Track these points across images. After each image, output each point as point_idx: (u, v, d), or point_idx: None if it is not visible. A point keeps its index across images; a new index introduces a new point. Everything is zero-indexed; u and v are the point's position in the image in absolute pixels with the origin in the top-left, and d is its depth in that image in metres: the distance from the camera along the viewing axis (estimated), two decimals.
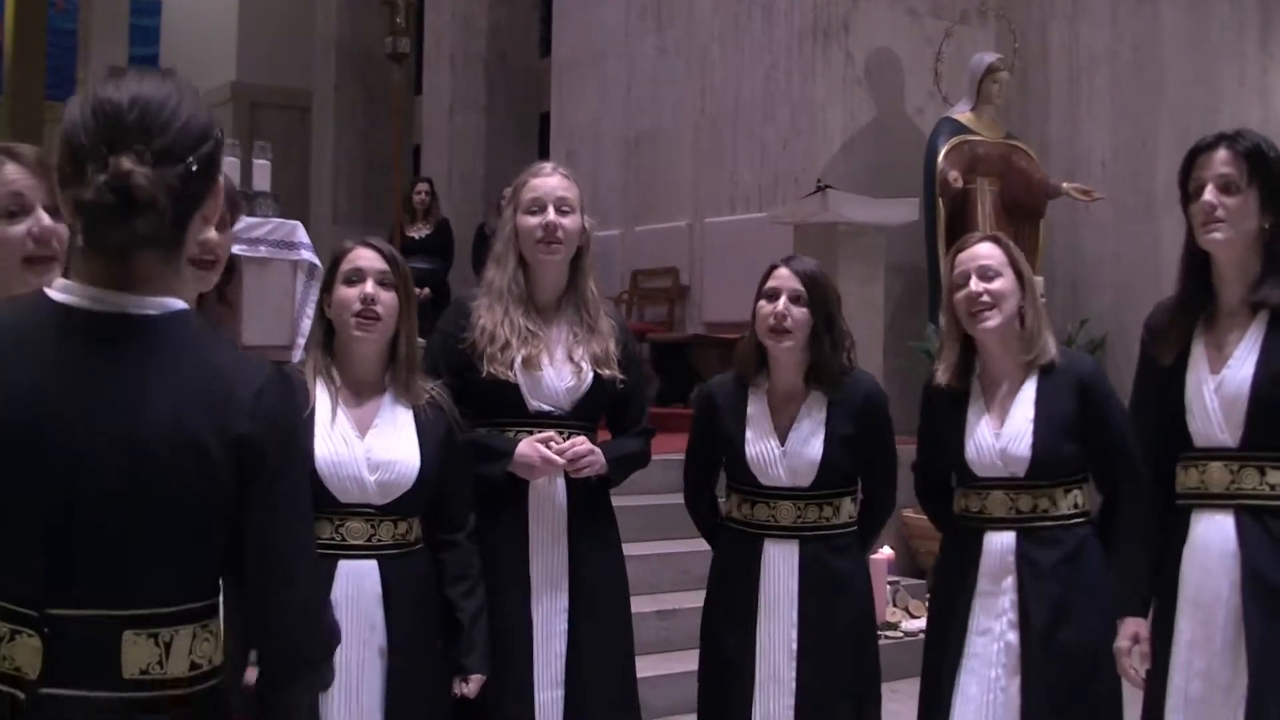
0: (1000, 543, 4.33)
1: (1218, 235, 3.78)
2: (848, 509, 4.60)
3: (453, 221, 14.85)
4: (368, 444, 3.95)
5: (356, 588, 3.90)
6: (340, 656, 3.82)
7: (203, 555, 2.24)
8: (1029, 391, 4.36)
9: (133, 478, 2.16)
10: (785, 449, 4.51)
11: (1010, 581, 4.31)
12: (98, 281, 2.19)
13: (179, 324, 2.21)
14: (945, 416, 4.47)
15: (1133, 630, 3.98)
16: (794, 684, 4.47)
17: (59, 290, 2.21)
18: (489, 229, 14.36)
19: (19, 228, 3.01)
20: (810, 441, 4.51)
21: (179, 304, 2.22)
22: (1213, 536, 3.84)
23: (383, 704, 3.92)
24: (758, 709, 4.50)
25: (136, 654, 2.18)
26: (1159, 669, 3.91)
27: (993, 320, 4.32)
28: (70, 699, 2.17)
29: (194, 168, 2.18)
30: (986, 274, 4.34)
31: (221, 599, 2.31)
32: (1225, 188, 3.79)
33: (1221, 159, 3.82)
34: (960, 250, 4.46)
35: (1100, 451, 4.33)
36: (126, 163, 2.11)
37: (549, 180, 4.50)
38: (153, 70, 2.29)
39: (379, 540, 3.95)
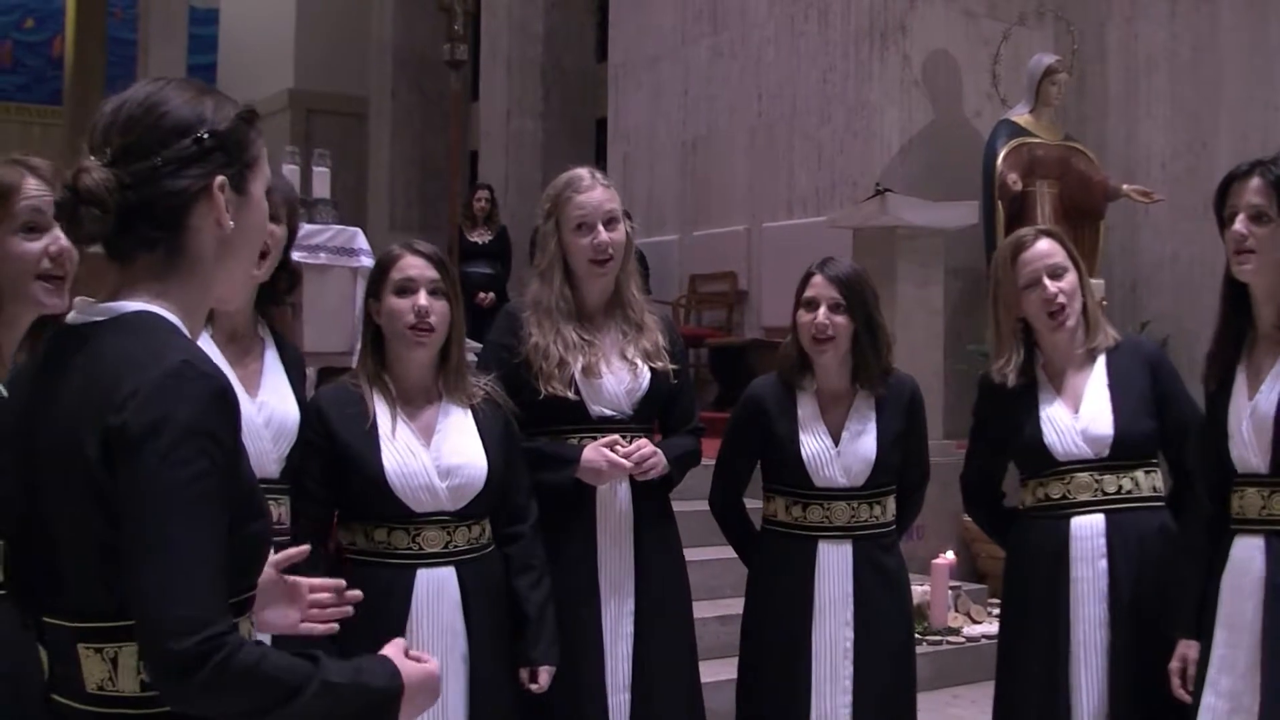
0: (1090, 526, 4.33)
1: (1247, 266, 3.80)
2: (891, 507, 4.64)
3: (510, 226, 14.89)
4: (434, 451, 3.95)
5: (436, 596, 3.90)
6: None
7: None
8: (1100, 372, 4.39)
9: (40, 483, 2.16)
10: (839, 449, 4.53)
11: (1104, 565, 4.30)
12: (104, 290, 2.23)
13: (113, 326, 2.18)
14: (1012, 409, 4.46)
15: (1183, 652, 3.99)
16: (850, 682, 4.49)
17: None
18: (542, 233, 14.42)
19: (37, 244, 3.06)
20: (864, 441, 4.54)
21: (131, 306, 2.19)
22: (1245, 560, 3.86)
23: (466, 708, 3.93)
24: (815, 709, 4.50)
25: (91, 668, 2.15)
26: (1197, 687, 3.92)
27: (1071, 319, 4.37)
28: (61, 707, 2.20)
29: (162, 165, 2.17)
30: (1056, 272, 4.36)
31: None
32: (1256, 217, 3.78)
33: (1254, 188, 3.80)
34: (1021, 250, 4.44)
35: (1177, 429, 4.35)
36: (85, 162, 2.15)
37: (593, 195, 4.45)
38: (173, 78, 2.29)
39: (455, 546, 3.95)
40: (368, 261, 8.40)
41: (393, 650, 2.37)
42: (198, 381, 2.10)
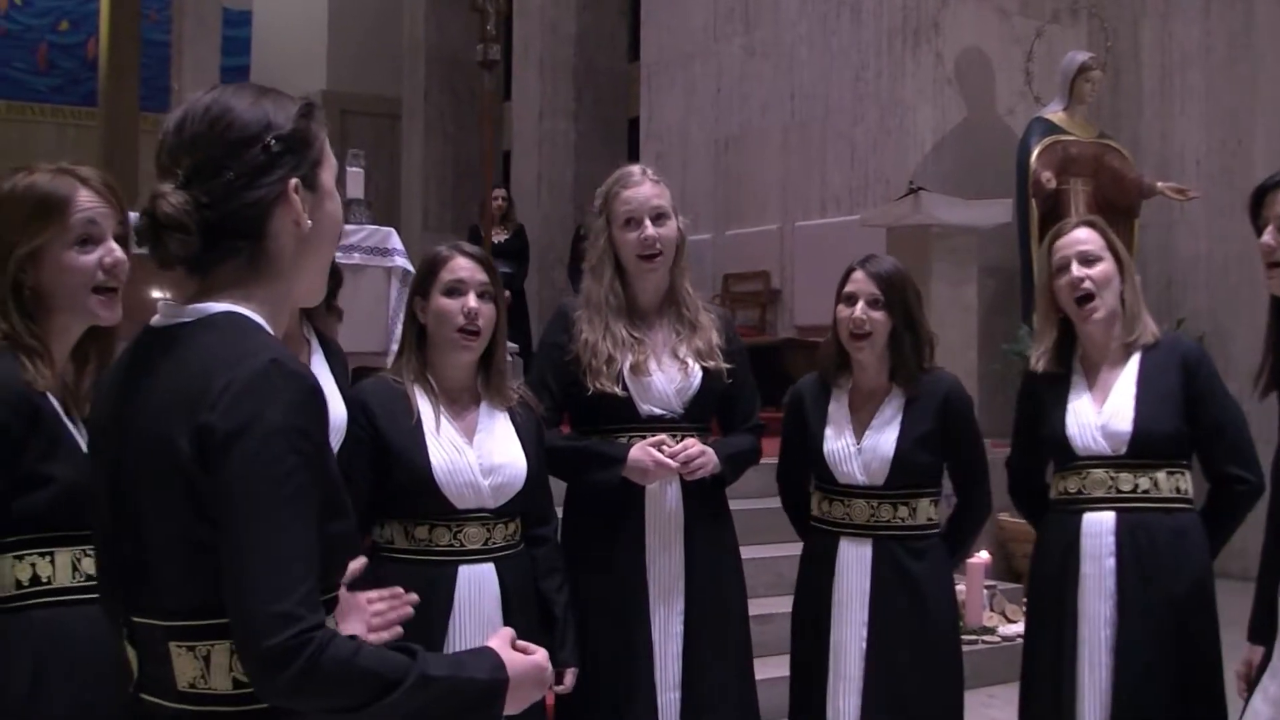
0: (1099, 523, 4.33)
1: (1275, 280, 3.72)
2: (926, 510, 4.58)
3: (544, 225, 14.93)
4: (477, 449, 3.96)
5: (477, 592, 3.91)
6: None
7: (219, 563, 2.10)
8: (1132, 368, 4.37)
9: (129, 483, 2.19)
10: (860, 446, 4.52)
11: (1111, 564, 4.30)
12: (185, 294, 2.25)
13: (200, 327, 2.20)
14: (1045, 399, 4.48)
15: (1246, 656, 3.98)
16: (861, 683, 4.47)
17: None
18: (585, 231, 14.47)
19: (91, 257, 3.07)
20: (884, 438, 4.51)
21: (217, 307, 2.21)
22: None
23: None
24: (829, 707, 4.51)
25: (183, 666, 2.16)
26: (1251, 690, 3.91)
27: (1100, 312, 4.36)
28: (151, 706, 2.21)
29: (235, 179, 2.18)
30: (1087, 259, 4.36)
31: None
32: None
33: None
34: (1059, 236, 4.47)
35: (1211, 430, 4.33)
36: (161, 188, 2.16)
37: (641, 190, 4.47)
38: (227, 84, 2.30)
39: (494, 543, 3.96)
40: (402, 261, 8.41)
41: (497, 642, 2.36)
42: (288, 380, 2.12)
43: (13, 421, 2.89)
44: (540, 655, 2.40)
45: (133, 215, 2.78)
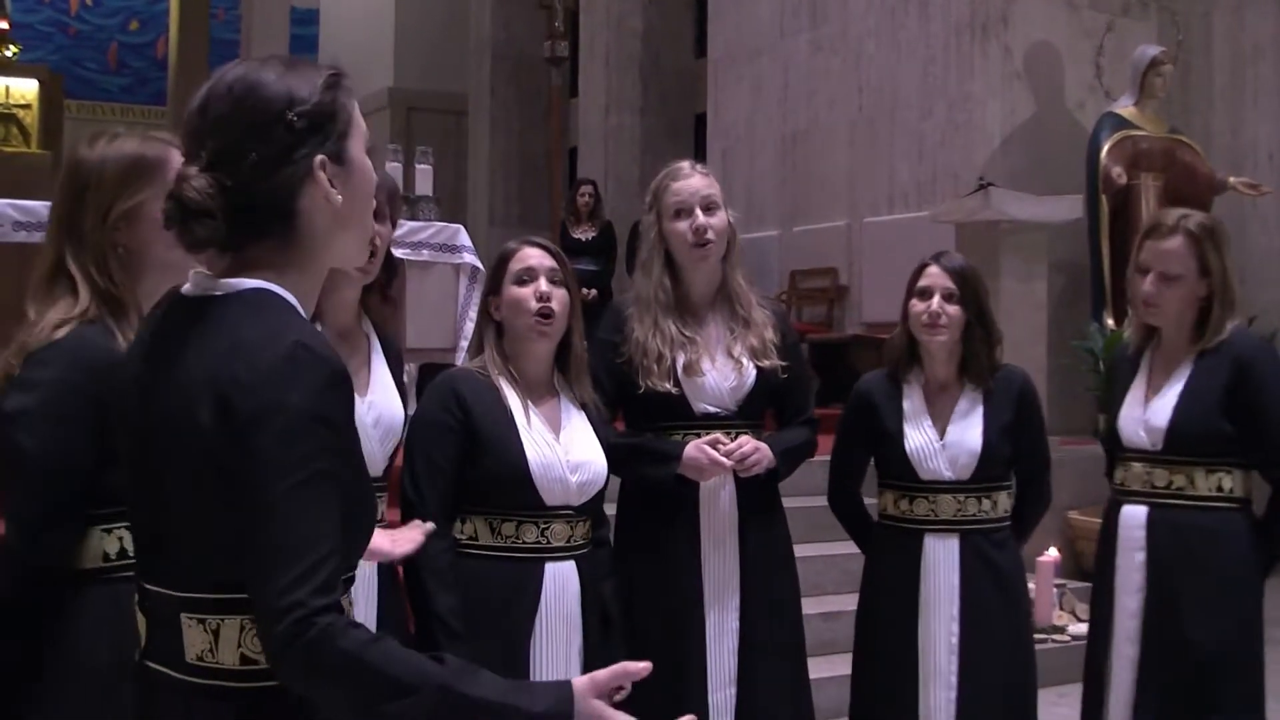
0: (1133, 516, 4.43)
1: None
2: (1004, 502, 4.60)
3: (612, 221, 14.91)
4: (563, 445, 3.94)
5: (561, 589, 3.89)
6: (545, 660, 3.84)
7: (235, 541, 2.09)
8: (1186, 368, 4.39)
9: (160, 453, 2.18)
10: (945, 441, 4.52)
11: (1141, 558, 4.38)
12: (215, 269, 2.23)
13: (230, 302, 2.17)
14: (1115, 385, 4.59)
15: None
16: (955, 678, 4.47)
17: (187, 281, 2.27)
18: (642, 227, 14.39)
19: None
20: (969, 433, 4.51)
21: (249, 283, 2.18)
22: None
23: None
24: (921, 704, 4.50)
25: (192, 638, 2.16)
26: None
27: (1154, 318, 4.43)
28: (157, 674, 2.21)
29: (259, 160, 2.15)
30: (1166, 275, 4.36)
31: None
32: None
33: None
34: (1150, 236, 4.48)
35: (1261, 432, 4.33)
36: (185, 171, 2.16)
37: (691, 182, 4.47)
38: (253, 59, 2.26)
39: (575, 541, 3.95)
40: (470, 258, 8.43)
41: (583, 682, 2.26)
42: (313, 365, 2.10)
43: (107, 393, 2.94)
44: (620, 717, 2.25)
45: None
